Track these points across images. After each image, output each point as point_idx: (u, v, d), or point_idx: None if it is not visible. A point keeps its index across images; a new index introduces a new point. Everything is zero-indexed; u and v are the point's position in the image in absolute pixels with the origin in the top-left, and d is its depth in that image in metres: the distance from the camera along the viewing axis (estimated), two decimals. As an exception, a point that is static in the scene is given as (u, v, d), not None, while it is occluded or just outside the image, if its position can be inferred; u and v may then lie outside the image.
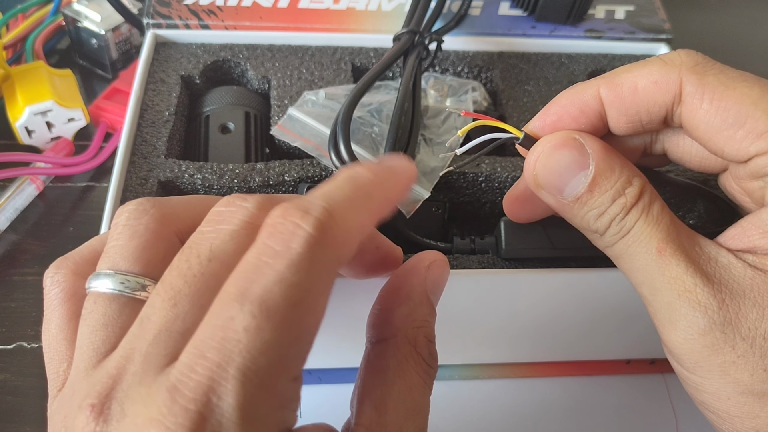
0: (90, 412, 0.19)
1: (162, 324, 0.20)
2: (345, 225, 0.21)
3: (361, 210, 0.22)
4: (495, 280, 0.34)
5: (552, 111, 0.28)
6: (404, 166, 0.24)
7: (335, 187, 0.21)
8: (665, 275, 0.25)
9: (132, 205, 0.24)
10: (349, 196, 0.21)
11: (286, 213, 0.20)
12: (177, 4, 0.46)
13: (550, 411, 0.40)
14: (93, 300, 0.22)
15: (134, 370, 0.19)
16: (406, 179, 0.24)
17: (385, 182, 0.23)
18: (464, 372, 0.41)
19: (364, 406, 0.23)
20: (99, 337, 0.21)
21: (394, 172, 0.24)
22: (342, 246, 0.21)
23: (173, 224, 0.24)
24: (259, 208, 0.22)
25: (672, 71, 0.25)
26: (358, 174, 0.22)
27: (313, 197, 0.21)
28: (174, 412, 0.18)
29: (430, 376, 0.24)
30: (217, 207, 0.22)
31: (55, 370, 0.23)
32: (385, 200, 0.23)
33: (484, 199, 0.40)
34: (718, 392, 0.24)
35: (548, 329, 0.38)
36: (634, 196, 0.25)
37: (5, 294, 0.43)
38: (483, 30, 0.48)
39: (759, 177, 0.26)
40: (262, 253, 0.19)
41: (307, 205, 0.20)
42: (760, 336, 0.23)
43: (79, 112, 0.49)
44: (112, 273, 0.22)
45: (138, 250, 0.23)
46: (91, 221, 0.46)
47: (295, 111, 0.40)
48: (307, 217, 0.20)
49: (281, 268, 0.19)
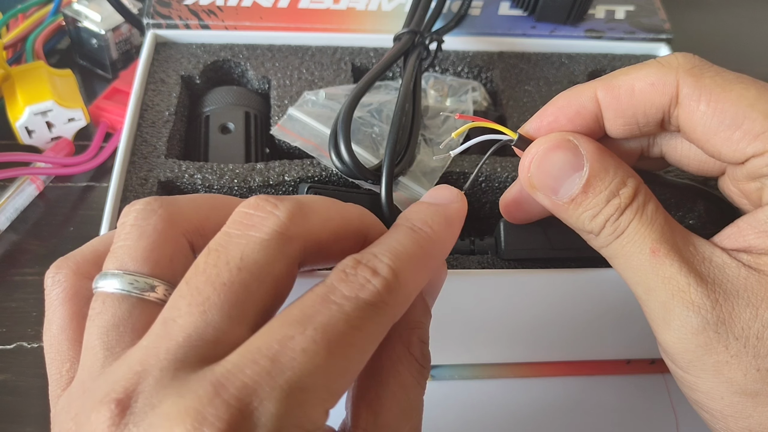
0: (115, 406, 0.19)
1: (192, 329, 0.20)
2: (407, 288, 0.22)
3: (421, 272, 0.23)
4: (495, 280, 0.34)
5: (548, 112, 0.28)
6: (457, 205, 0.26)
7: (399, 245, 0.23)
8: (659, 275, 0.25)
9: (140, 204, 0.24)
10: (412, 258, 0.23)
11: (357, 266, 0.22)
12: (177, 4, 0.46)
13: (550, 411, 0.40)
14: (102, 300, 0.22)
15: (163, 366, 0.19)
16: (460, 221, 0.26)
17: (442, 237, 0.25)
18: (464, 372, 0.41)
19: (359, 407, 0.23)
20: (111, 336, 0.21)
21: (449, 221, 0.25)
22: (400, 305, 0.22)
23: (181, 225, 0.24)
24: (289, 218, 0.22)
25: (669, 73, 0.26)
26: (418, 230, 0.24)
27: (379, 252, 0.22)
28: (215, 405, 0.18)
29: (423, 377, 0.24)
30: (244, 208, 0.22)
31: (57, 370, 0.23)
32: (443, 255, 0.25)
33: (483, 200, 0.40)
34: (712, 391, 0.25)
35: (548, 329, 0.38)
36: (628, 196, 0.25)
37: (5, 294, 0.43)
38: (483, 30, 0.48)
39: (756, 178, 0.26)
40: (332, 293, 0.21)
41: (377, 263, 0.22)
42: (753, 336, 0.23)
43: (79, 112, 0.49)
44: (121, 273, 0.22)
45: (146, 250, 0.23)
46: (91, 221, 0.46)
47: (295, 111, 0.40)
48: (377, 277, 0.21)
49: (349, 311, 0.20)
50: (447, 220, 0.25)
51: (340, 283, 0.21)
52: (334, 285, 0.21)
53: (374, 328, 0.21)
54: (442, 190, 0.27)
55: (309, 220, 0.23)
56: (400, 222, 0.24)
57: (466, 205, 0.26)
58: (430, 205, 0.26)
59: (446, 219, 0.25)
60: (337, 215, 0.24)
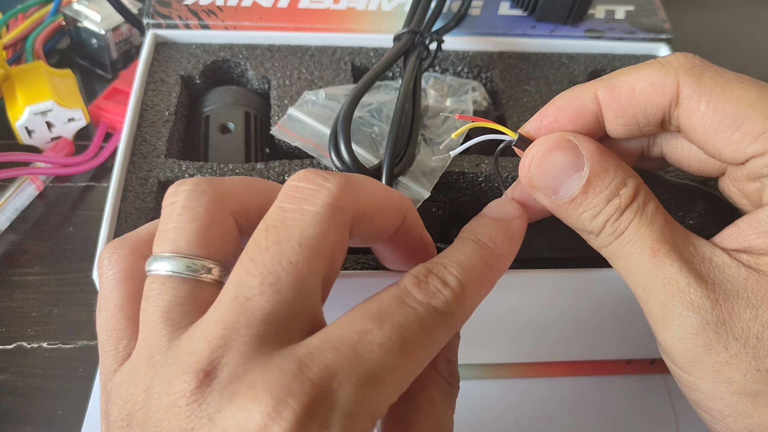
0: (202, 375, 0.19)
1: (270, 308, 0.20)
2: (471, 301, 0.23)
3: (484, 286, 0.24)
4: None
5: (549, 112, 0.28)
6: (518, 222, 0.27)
7: (466, 259, 0.24)
8: (659, 275, 0.25)
9: (189, 185, 0.24)
10: (477, 273, 0.24)
11: (428, 274, 0.23)
12: (177, 4, 0.46)
13: (550, 411, 0.40)
14: (161, 282, 0.22)
15: (246, 340, 0.20)
16: (521, 237, 0.27)
17: (505, 254, 0.26)
18: (464, 372, 0.41)
19: (388, 424, 0.23)
20: (175, 315, 0.22)
21: (512, 238, 0.26)
22: (464, 317, 0.23)
23: (229, 205, 0.24)
24: (340, 189, 0.22)
25: (669, 73, 0.26)
26: (485, 247, 0.25)
27: (449, 264, 0.23)
28: (300, 380, 0.19)
29: (452, 395, 0.25)
30: (294, 181, 0.23)
31: (113, 346, 0.23)
32: (504, 270, 0.26)
33: (484, 200, 0.40)
34: (712, 392, 0.25)
35: (548, 329, 0.38)
36: (628, 196, 0.25)
37: (5, 294, 0.43)
38: (483, 30, 0.48)
39: (756, 178, 0.26)
40: (406, 296, 0.22)
41: (446, 275, 0.23)
42: (753, 336, 0.23)
43: (79, 112, 0.49)
44: (177, 256, 0.22)
45: (200, 233, 0.23)
46: (91, 221, 0.46)
47: (295, 111, 0.40)
48: (447, 288, 0.23)
49: (423, 315, 0.22)
50: (509, 236, 0.26)
51: (414, 288, 0.22)
52: (408, 289, 0.22)
53: (441, 335, 0.22)
54: (504, 205, 0.28)
55: (357, 192, 0.23)
56: (465, 235, 0.26)
57: (527, 220, 0.27)
58: (493, 220, 0.27)
59: (509, 235, 0.26)
60: (379, 191, 0.25)
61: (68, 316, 0.42)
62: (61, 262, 0.44)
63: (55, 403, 0.38)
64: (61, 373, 0.40)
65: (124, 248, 0.25)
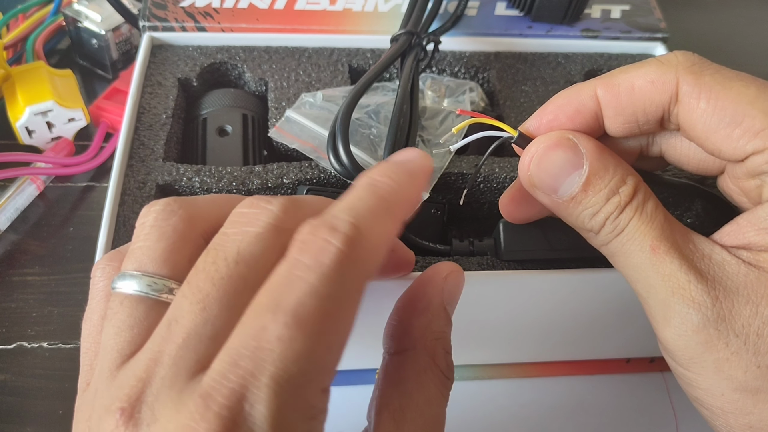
0: (120, 415, 0.19)
1: (191, 328, 0.20)
2: (372, 238, 0.21)
3: (385, 220, 0.22)
4: (494, 281, 0.34)
5: (548, 110, 0.28)
6: (419, 161, 0.24)
7: (357, 199, 0.22)
8: (659, 273, 0.25)
9: (159, 205, 0.24)
10: (372, 208, 0.22)
11: (314, 230, 0.20)
12: (173, 7, 0.46)
13: (550, 411, 0.40)
14: (119, 301, 0.22)
15: (164, 374, 0.19)
16: (423, 175, 0.24)
17: (404, 186, 0.23)
18: (465, 372, 0.41)
19: (382, 417, 0.23)
20: (124, 338, 0.21)
21: (411, 172, 0.24)
22: (370, 258, 0.21)
23: (199, 225, 0.24)
24: (283, 210, 0.22)
25: (669, 71, 0.26)
26: (377, 182, 0.23)
27: (338, 211, 0.21)
28: (207, 419, 0.18)
29: (447, 388, 0.25)
30: (239, 208, 0.22)
31: (89, 361, 0.23)
32: (407, 204, 0.24)
33: (482, 200, 0.40)
34: (712, 388, 0.25)
35: (548, 329, 0.38)
36: (628, 194, 0.25)
37: (5, 294, 0.43)
38: (479, 30, 0.48)
39: (755, 175, 0.26)
40: (294, 267, 0.20)
41: (334, 221, 0.20)
42: (754, 333, 0.23)
43: (79, 112, 0.49)
44: (139, 275, 0.22)
45: (165, 252, 0.23)
46: (91, 221, 0.46)
47: (293, 113, 0.40)
48: (336, 234, 0.20)
49: (313, 281, 0.19)
50: (408, 172, 0.24)
51: (300, 253, 0.20)
52: (294, 258, 0.20)
53: (347, 290, 0.20)
54: (405, 151, 0.26)
55: (302, 211, 0.23)
56: (358, 181, 0.23)
57: (430, 160, 0.25)
58: (389, 161, 0.25)
59: (407, 171, 0.24)
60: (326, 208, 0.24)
61: (68, 316, 0.42)
62: (62, 263, 0.44)
63: (55, 403, 0.39)
64: (61, 373, 0.40)
65: (117, 261, 0.25)
